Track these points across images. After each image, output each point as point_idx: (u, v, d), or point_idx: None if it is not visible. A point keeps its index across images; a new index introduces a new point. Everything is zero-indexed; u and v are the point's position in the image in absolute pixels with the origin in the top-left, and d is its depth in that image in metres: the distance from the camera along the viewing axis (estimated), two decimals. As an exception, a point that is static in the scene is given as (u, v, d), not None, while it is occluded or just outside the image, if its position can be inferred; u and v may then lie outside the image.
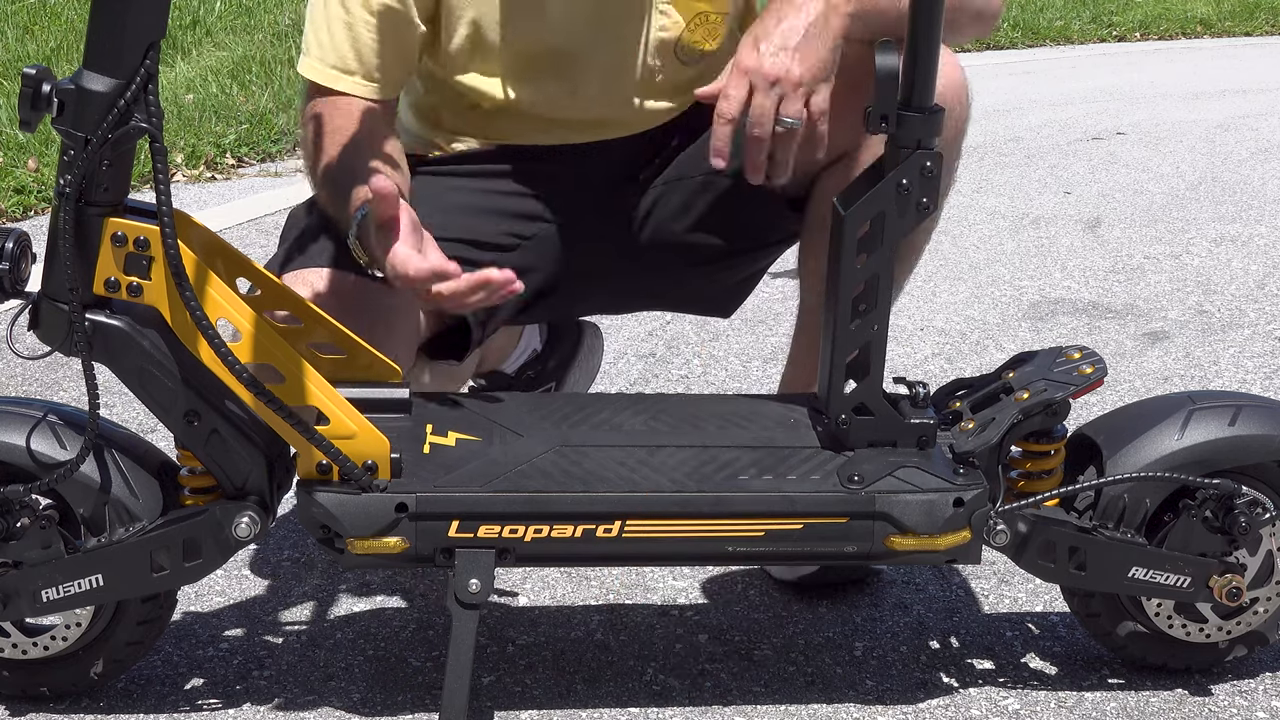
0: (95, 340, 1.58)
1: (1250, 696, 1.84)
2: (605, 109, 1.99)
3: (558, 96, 1.97)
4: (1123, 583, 1.76)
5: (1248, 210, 4.48)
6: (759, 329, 3.27)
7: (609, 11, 1.93)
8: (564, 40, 1.94)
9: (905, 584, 2.11)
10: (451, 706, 1.65)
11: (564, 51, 1.94)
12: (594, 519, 1.64)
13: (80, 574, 1.65)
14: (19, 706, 1.76)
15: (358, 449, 1.62)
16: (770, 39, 1.73)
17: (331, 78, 1.88)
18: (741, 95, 1.73)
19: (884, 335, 1.71)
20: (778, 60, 1.72)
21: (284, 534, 2.23)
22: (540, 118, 1.98)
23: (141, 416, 2.60)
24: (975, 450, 1.71)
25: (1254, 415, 1.78)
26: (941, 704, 1.82)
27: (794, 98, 1.73)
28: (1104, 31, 9.05)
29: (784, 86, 1.72)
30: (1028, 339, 3.26)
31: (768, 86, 1.72)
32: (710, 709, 1.80)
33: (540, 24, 1.92)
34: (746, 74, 1.73)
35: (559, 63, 1.95)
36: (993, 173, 4.98)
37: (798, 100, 1.73)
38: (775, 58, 1.72)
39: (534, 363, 2.38)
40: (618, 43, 1.95)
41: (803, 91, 1.73)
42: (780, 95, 1.72)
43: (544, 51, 1.94)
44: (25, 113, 1.51)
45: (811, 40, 1.73)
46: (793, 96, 1.73)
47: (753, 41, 1.74)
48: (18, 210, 4.09)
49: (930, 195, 1.65)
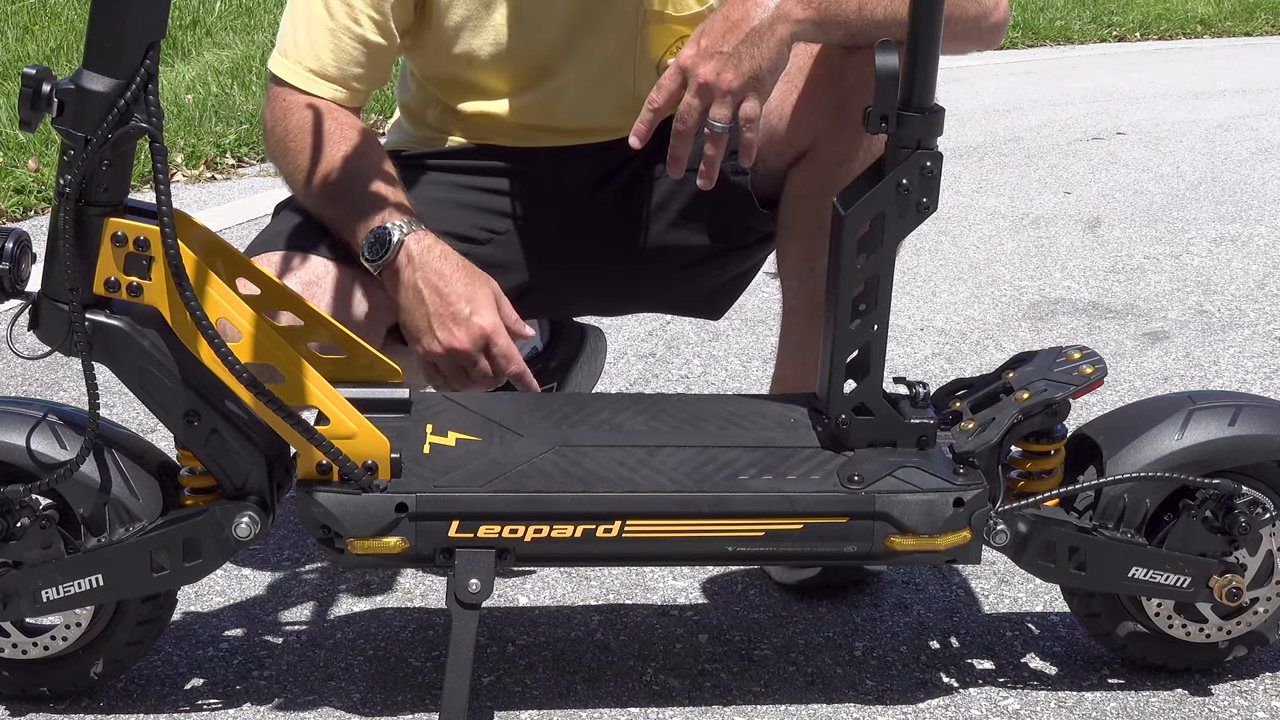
0: (95, 340, 1.58)
1: (1250, 696, 1.84)
2: (586, 119, 2.00)
3: (540, 105, 1.98)
4: (1123, 583, 1.76)
5: (1248, 210, 4.49)
6: (759, 329, 3.27)
7: (595, 29, 1.94)
8: (550, 54, 1.95)
9: (905, 584, 2.11)
10: (451, 706, 1.65)
11: (549, 65, 1.96)
12: (594, 519, 1.64)
13: (80, 574, 1.65)
14: (19, 706, 1.76)
15: (358, 449, 1.62)
16: (711, 38, 1.73)
17: (308, 81, 1.89)
18: (673, 89, 1.74)
19: (884, 335, 1.71)
20: (711, 64, 1.71)
21: (284, 534, 2.23)
22: (521, 124, 1.99)
23: (141, 416, 2.61)
24: (975, 450, 1.71)
25: (1254, 415, 1.78)
26: (941, 704, 1.82)
27: (722, 104, 1.72)
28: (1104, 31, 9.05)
29: (713, 91, 1.72)
30: (1028, 339, 3.26)
31: (697, 89, 1.72)
32: (710, 709, 1.80)
33: (527, 38, 1.93)
34: (681, 70, 1.73)
35: (543, 74, 1.97)
36: (993, 173, 4.98)
37: (726, 107, 1.72)
38: (709, 60, 1.72)
39: (535, 362, 2.38)
40: (601, 58, 1.97)
41: (731, 99, 1.72)
42: (709, 99, 1.72)
43: (530, 63, 1.96)
44: (25, 113, 1.51)
45: (752, 46, 1.72)
46: (721, 102, 1.72)
47: (696, 38, 1.74)
48: (18, 210, 4.09)
49: (930, 195, 1.65)
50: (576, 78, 1.97)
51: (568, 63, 1.96)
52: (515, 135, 2.01)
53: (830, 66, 1.88)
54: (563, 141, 2.02)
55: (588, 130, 2.01)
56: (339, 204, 1.85)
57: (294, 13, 1.91)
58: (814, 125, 1.89)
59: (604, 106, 1.99)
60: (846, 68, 1.86)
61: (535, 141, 2.01)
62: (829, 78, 1.88)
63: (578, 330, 2.47)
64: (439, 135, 2.05)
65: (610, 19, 1.94)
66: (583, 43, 1.95)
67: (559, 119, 2.00)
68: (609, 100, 1.98)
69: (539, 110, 1.99)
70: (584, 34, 1.95)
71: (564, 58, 1.96)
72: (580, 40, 1.95)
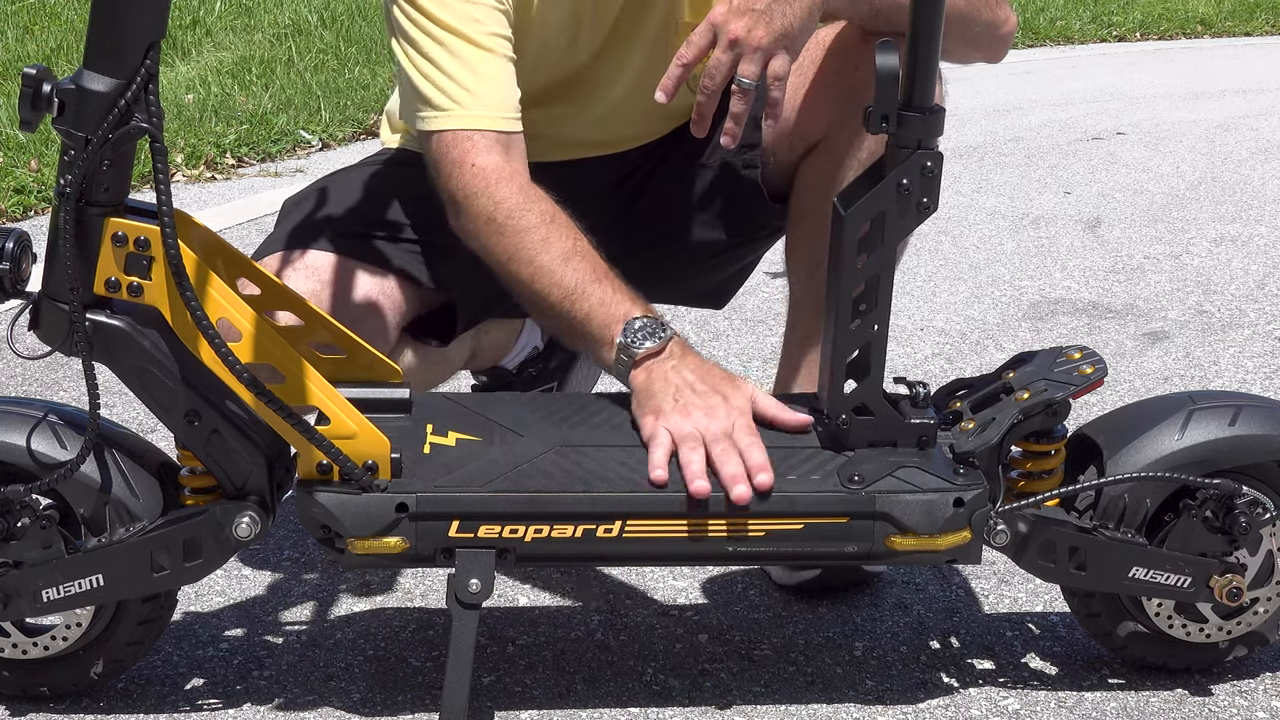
0: (95, 340, 1.58)
1: (1250, 696, 1.84)
2: (613, 131, 2.00)
3: (567, 119, 1.97)
4: (1123, 583, 1.76)
5: (1248, 210, 4.49)
6: (759, 329, 3.27)
7: (628, 43, 1.93)
8: (582, 69, 1.94)
9: (905, 584, 2.10)
10: (451, 706, 1.65)
11: (581, 79, 1.95)
12: (594, 519, 1.64)
13: (80, 574, 1.65)
14: (19, 706, 1.76)
15: (358, 449, 1.62)
16: None
17: (502, 122, 1.77)
18: (703, 45, 1.72)
19: (884, 335, 1.71)
20: (743, 20, 1.70)
21: (284, 534, 2.23)
22: (544, 136, 1.98)
23: (141, 416, 2.61)
24: (975, 450, 1.71)
25: (1254, 415, 1.78)
26: (941, 704, 1.82)
27: (751, 60, 1.70)
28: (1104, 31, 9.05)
29: (743, 47, 1.70)
30: (1028, 339, 3.26)
31: (728, 44, 1.70)
32: (710, 709, 1.80)
33: (563, 53, 1.92)
34: (713, 27, 1.72)
35: (574, 90, 1.95)
36: (993, 173, 4.98)
37: (755, 63, 1.70)
38: (741, 17, 1.70)
39: (535, 360, 2.38)
40: (633, 72, 1.95)
41: (761, 55, 1.70)
42: (738, 55, 1.70)
43: (562, 78, 1.94)
44: (25, 113, 1.51)
45: (784, 4, 1.71)
46: (750, 58, 1.70)
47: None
48: (18, 210, 4.09)
49: (930, 195, 1.65)
50: (606, 92, 1.96)
51: (599, 78, 1.95)
52: (539, 151, 1.99)
53: (843, 57, 1.88)
54: (586, 154, 2.01)
55: (609, 141, 2.01)
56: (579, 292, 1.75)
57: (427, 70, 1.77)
58: (827, 115, 1.89)
59: (629, 117, 1.98)
60: (860, 59, 1.86)
61: (558, 156, 1.99)
62: (842, 68, 1.88)
63: None
64: None
65: (643, 31, 1.93)
66: (615, 57, 1.94)
67: (585, 132, 1.99)
68: (635, 111, 1.97)
69: (565, 124, 1.98)
70: (616, 48, 1.93)
71: (597, 73, 1.95)
72: (612, 54, 1.94)
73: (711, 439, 1.65)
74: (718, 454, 1.64)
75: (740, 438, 1.66)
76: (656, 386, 1.70)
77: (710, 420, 1.66)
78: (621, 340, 1.72)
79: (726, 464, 1.63)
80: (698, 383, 1.70)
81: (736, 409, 1.68)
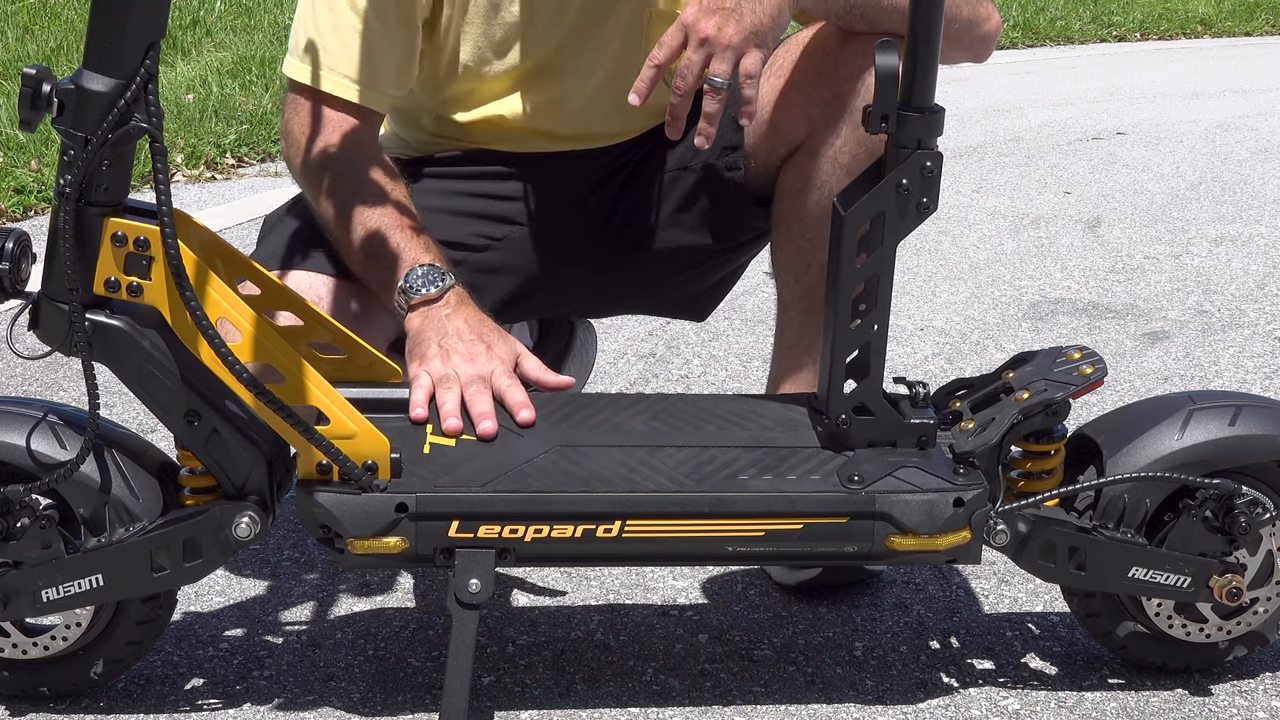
0: (95, 340, 1.58)
1: (1250, 696, 1.84)
2: (589, 123, 2.00)
3: (543, 109, 1.97)
4: (1123, 583, 1.76)
5: (1248, 210, 4.49)
6: (759, 329, 3.27)
7: (602, 29, 1.93)
8: (556, 56, 1.94)
9: (905, 584, 2.11)
10: (451, 706, 1.65)
11: (555, 66, 1.95)
12: (594, 519, 1.64)
13: (80, 574, 1.65)
14: (19, 706, 1.76)
15: (358, 449, 1.62)
16: None
17: (342, 88, 1.86)
18: (675, 45, 1.72)
19: (884, 335, 1.71)
20: (713, 19, 1.70)
21: (284, 534, 2.23)
22: (522, 129, 1.98)
23: (141, 416, 2.61)
24: (975, 450, 1.71)
25: (1254, 415, 1.78)
26: (941, 704, 1.82)
27: (722, 58, 1.70)
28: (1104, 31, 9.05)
29: (714, 45, 1.70)
30: (1028, 339, 3.26)
31: (699, 43, 1.70)
32: (710, 709, 1.80)
33: (538, 38, 1.93)
34: (683, 27, 1.72)
35: (548, 77, 1.96)
36: (993, 173, 4.98)
37: (726, 61, 1.70)
38: (712, 16, 1.70)
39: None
40: (607, 60, 1.96)
41: (731, 54, 1.70)
42: (709, 54, 1.71)
43: (535, 69, 1.95)
44: (25, 113, 1.51)
45: (754, 2, 1.71)
46: (721, 56, 1.70)
47: None
48: (18, 210, 4.09)
49: (930, 195, 1.65)
50: (581, 81, 1.96)
51: (574, 65, 1.95)
52: (515, 141, 2.00)
53: (823, 58, 1.88)
54: (563, 147, 2.01)
55: (589, 135, 2.01)
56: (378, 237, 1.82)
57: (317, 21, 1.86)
58: (808, 117, 1.89)
59: (607, 110, 1.98)
60: (840, 58, 1.86)
61: (533, 147, 2.00)
62: (822, 69, 1.88)
63: (566, 325, 2.47)
64: (434, 141, 2.04)
65: (617, 19, 1.93)
66: (590, 43, 1.94)
67: (561, 123, 1.99)
68: (612, 103, 1.97)
69: (541, 114, 1.98)
70: (592, 34, 1.94)
71: (570, 59, 1.95)
72: (587, 41, 1.94)
73: (466, 380, 1.73)
74: (470, 395, 1.72)
75: (498, 380, 1.74)
76: (427, 333, 1.77)
77: (468, 365, 1.74)
78: (403, 284, 1.79)
79: (476, 403, 1.71)
80: (466, 331, 1.77)
81: (498, 358, 1.76)
